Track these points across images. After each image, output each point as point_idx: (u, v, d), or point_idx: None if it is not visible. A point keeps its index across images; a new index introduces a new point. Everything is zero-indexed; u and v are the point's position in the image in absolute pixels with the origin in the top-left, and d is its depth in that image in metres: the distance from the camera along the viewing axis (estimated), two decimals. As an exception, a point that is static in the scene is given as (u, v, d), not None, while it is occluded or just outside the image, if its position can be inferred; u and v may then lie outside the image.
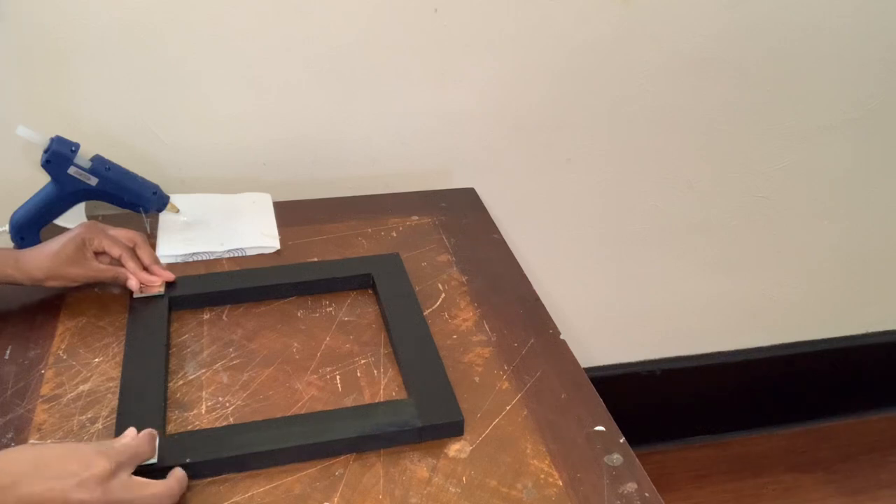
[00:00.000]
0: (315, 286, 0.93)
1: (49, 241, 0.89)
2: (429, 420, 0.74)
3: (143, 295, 0.89)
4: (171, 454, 0.69)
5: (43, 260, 0.87)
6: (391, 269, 0.95)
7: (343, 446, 0.72)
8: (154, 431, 0.69)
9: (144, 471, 0.68)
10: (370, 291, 0.94)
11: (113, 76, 1.02)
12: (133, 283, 0.89)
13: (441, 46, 1.10)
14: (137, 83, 1.04)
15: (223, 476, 0.70)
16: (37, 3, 0.96)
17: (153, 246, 0.99)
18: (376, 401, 0.79)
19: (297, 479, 0.70)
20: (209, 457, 0.70)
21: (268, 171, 1.14)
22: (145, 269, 0.91)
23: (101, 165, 0.95)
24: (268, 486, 0.69)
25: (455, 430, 0.75)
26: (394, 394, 0.80)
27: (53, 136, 0.93)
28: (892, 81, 1.32)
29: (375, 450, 0.73)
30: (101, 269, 0.89)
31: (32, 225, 0.97)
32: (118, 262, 0.90)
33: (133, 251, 0.91)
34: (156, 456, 0.68)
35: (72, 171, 0.93)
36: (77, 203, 0.98)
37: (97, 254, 0.89)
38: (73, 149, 0.93)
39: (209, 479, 0.70)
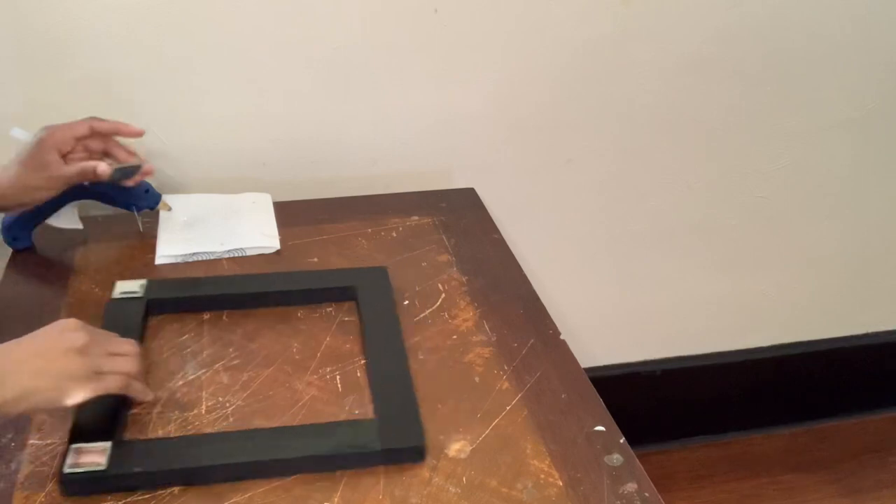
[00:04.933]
0: (299, 297, 0.91)
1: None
2: (389, 443, 0.72)
3: (121, 166, 0.92)
4: (118, 463, 0.68)
5: (7, 171, 0.87)
6: (376, 283, 0.92)
7: (297, 465, 0.70)
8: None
9: (98, 478, 0.67)
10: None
11: (112, 76, 1.03)
12: (102, 168, 0.89)
13: (441, 47, 1.10)
14: (137, 83, 1.04)
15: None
16: (37, 2, 0.96)
17: (153, 246, 0.99)
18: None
19: (296, 480, 0.70)
20: (158, 468, 0.68)
21: (268, 171, 1.14)
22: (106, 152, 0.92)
23: None
24: (267, 487, 0.69)
25: (415, 455, 0.72)
26: (394, 394, 0.80)
27: None
28: (892, 82, 1.32)
29: (332, 471, 0.71)
30: (65, 169, 0.88)
31: (24, 225, 0.96)
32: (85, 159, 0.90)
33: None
34: (105, 463, 0.68)
35: None
36: (69, 202, 0.97)
37: (64, 156, 0.88)
38: None
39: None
